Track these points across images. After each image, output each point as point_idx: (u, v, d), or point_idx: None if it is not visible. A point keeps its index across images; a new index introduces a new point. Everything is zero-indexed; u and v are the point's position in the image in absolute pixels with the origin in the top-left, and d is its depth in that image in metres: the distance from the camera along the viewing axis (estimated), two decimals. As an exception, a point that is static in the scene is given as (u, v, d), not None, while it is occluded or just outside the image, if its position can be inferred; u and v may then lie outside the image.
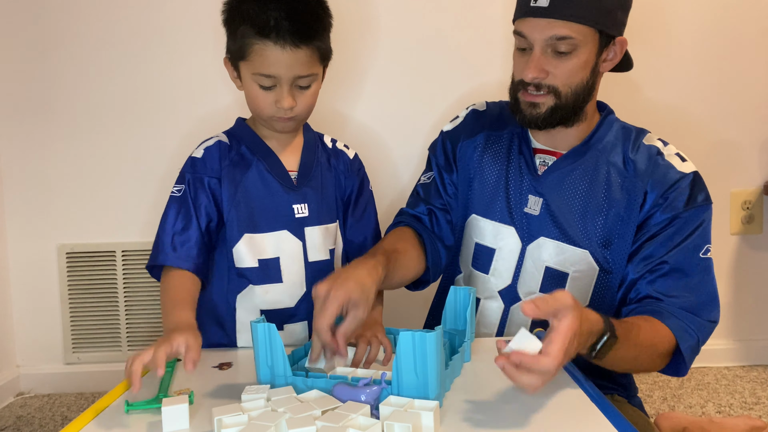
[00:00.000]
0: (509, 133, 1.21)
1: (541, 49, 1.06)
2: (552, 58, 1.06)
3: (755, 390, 1.87)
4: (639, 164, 1.11)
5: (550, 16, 1.03)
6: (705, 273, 1.08)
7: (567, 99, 1.08)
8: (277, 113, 1.10)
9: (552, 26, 1.04)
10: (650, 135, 1.16)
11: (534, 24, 1.05)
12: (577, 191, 1.12)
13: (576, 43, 1.04)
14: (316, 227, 1.18)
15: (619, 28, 1.10)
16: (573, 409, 0.80)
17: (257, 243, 1.15)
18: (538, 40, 1.05)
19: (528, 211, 1.14)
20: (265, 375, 0.88)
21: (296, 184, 1.18)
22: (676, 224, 1.08)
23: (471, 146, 1.23)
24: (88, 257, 1.97)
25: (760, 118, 2.00)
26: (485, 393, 0.86)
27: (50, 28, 1.91)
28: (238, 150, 1.17)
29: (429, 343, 0.78)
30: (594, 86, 1.12)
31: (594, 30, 1.05)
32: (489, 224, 1.18)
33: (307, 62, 1.07)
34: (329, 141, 1.28)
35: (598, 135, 1.14)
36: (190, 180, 1.14)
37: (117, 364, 1.98)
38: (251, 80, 1.09)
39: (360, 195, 1.27)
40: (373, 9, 1.90)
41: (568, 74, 1.07)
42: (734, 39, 1.96)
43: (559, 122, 1.11)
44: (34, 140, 1.94)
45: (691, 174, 1.11)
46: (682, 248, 1.08)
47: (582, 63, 1.07)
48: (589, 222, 1.11)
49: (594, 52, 1.08)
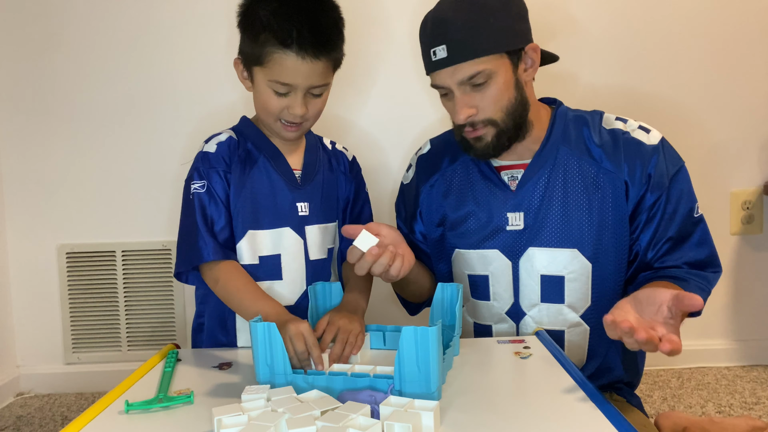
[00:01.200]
0: (462, 164, 1.22)
1: (460, 91, 1.09)
2: (474, 93, 1.09)
3: (755, 390, 1.87)
4: (608, 150, 1.12)
5: (453, 63, 1.06)
6: (701, 231, 1.13)
7: (505, 122, 1.10)
8: (286, 118, 1.12)
9: (458, 71, 1.07)
10: (607, 116, 1.17)
11: (443, 74, 1.08)
12: (555, 193, 1.13)
13: (488, 73, 1.07)
14: (315, 226, 1.20)
15: (523, 37, 1.11)
16: (573, 409, 0.80)
17: (259, 240, 1.15)
18: (453, 85, 1.08)
19: (511, 228, 1.15)
20: (265, 374, 0.88)
21: (300, 183, 1.20)
22: (665, 200, 1.11)
23: (430, 190, 1.24)
24: (88, 257, 1.97)
25: (760, 118, 2.00)
26: (481, 389, 0.86)
27: (50, 28, 1.91)
28: (245, 147, 1.18)
29: (431, 337, 0.80)
30: (526, 98, 1.13)
31: (499, 54, 1.07)
32: (473, 254, 1.18)
33: (324, 73, 1.10)
34: (328, 143, 1.31)
35: (555, 132, 1.15)
36: (207, 174, 1.14)
37: (117, 364, 1.98)
38: (266, 85, 1.10)
39: (358, 196, 1.30)
40: (375, 12, 1.90)
41: (494, 101, 1.09)
42: (734, 39, 1.96)
43: (509, 143, 1.13)
44: (34, 140, 1.95)
45: (659, 143, 1.12)
46: (678, 218, 1.11)
47: (502, 86, 1.08)
48: (573, 220, 1.12)
49: (510, 71, 1.09)
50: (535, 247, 1.13)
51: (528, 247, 1.14)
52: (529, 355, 1.01)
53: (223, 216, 1.13)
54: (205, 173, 1.14)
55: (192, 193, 1.13)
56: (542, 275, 1.14)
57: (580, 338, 1.15)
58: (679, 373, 2.01)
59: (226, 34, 1.87)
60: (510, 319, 1.18)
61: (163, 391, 0.88)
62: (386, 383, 0.83)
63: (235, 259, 1.12)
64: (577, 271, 1.12)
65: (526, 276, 1.15)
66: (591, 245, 1.11)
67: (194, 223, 1.11)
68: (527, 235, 1.14)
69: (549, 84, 1.66)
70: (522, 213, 1.14)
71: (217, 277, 1.09)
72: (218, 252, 1.09)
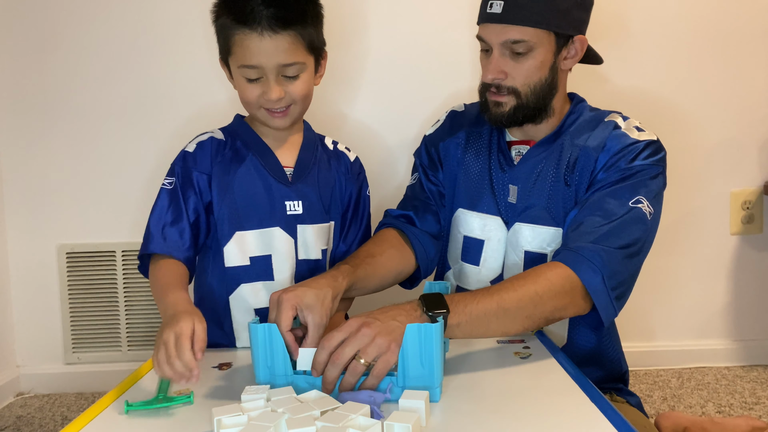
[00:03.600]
0: (489, 129, 1.25)
1: (498, 52, 1.11)
2: (510, 59, 1.11)
3: (755, 390, 1.87)
4: (596, 137, 1.14)
5: (504, 22, 1.09)
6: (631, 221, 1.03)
7: (528, 98, 1.13)
8: (266, 105, 1.09)
9: (506, 31, 1.09)
10: (614, 114, 1.18)
11: (491, 29, 1.12)
12: (545, 174, 1.16)
13: (531, 45, 1.09)
14: (309, 226, 1.18)
15: (577, 26, 1.14)
16: (573, 409, 0.80)
17: (248, 240, 1.14)
18: (495, 43, 1.11)
19: (510, 200, 1.18)
20: (264, 376, 0.88)
21: (291, 180, 1.17)
22: (612, 173, 1.09)
23: (453, 144, 1.27)
24: (88, 257, 1.97)
25: (760, 118, 2.00)
26: (481, 389, 0.87)
27: (50, 28, 1.90)
28: (233, 146, 1.17)
29: (434, 332, 0.81)
30: (555, 84, 1.16)
31: (548, 32, 1.10)
32: (476, 216, 1.22)
33: (290, 49, 1.06)
34: (330, 143, 1.28)
35: (568, 123, 1.18)
36: (180, 174, 1.14)
37: (117, 364, 1.98)
38: (238, 74, 1.09)
39: (358, 199, 1.27)
40: (372, 7, 1.90)
41: (525, 75, 1.12)
42: (734, 39, 1.96)
43: (523, 120, 1.16)
44: (34, 140, 1.94)
45: (646, 141, 1.12)
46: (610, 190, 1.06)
47: (539, 63, 1.11)
48: (558, 198, 1.14)
49: (551, 52, 1.12)
50: (522, 222, 1.16)
51: (515, 222, 1.17)
52: (529, 355, 1.01)
53: (183, 215, 1.11)
54: (178, 172, 1.14)
55: (161, 188, 1.14)
56: (526, 251, 1.16)
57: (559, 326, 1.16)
58: (679, 373, 2.01)
59: (226, 34, 1.88)
60: None
61: (163, 391, 0.88)
62: (385, 382, 0.83)
63: (180, 258, 1.08)
64: None
65: (511, 250, 1.18)
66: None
67: (153, 215, 1.12)
68: (517, 210, 1.17)
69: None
70: (517, 187, 1.17)
71: (152, 272, 1.08)
72: (161, 247, 1.08)
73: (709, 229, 2.02)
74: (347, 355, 0.83)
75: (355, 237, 1.27)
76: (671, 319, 2.05)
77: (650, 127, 1.18)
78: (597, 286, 0.99)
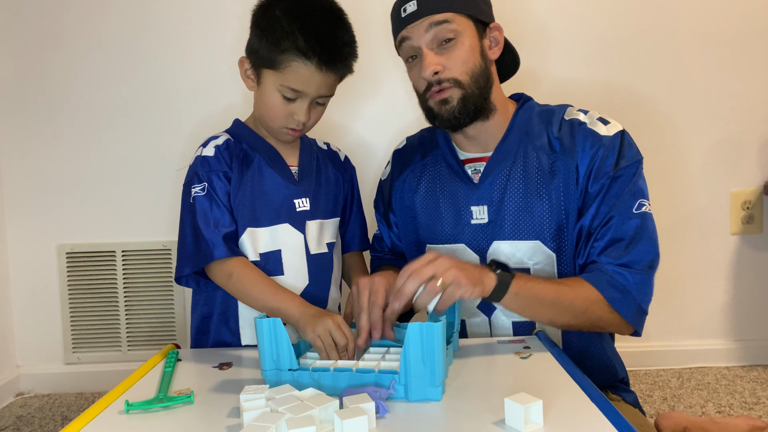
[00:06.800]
0: (432, 158, 1.25)
1: (427, 47, 1.11)
2: (441, 52, 1.11)
3: (755, 390, 1.87)
4: (565, 141, 1.13)
5: (423, 15, 1.10)
6: (640, 229, 1.08)
7: (470, 87, 1.12)
8: (288, 123, 1.14)
9: (426, 21, 1.10)
10: (570, 109, 1.18)
11: (412, 28, 1.11)
12: (515, 186, 1.15)
13: (455, 28, 1.10)
14: (316, 221, 1.22)
15: (488, 15, 1.16)
16: (573, 409, 0.80)
17: (259, 236, 1.17)
18: (423, 40, 1.11)
19: (475, 222, 1.17)
20: (271, 370, 0.88)
21: (298, 179, 1.22)
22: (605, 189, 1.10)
23: (402, 186, 1.28)
24: (88, 257, 1.97)
25: (760, 118, 2.00)
26: (481, 389, 0.86)
27: (50, 28, 1.91)
28: (241, 147, 1.20)
29: (436, 332, 0.82)
30: (490, 73, 1.16)
31: (466, 17, 1.11)
32: (443, 249, 1.20)
33: (333, 84, 1.15)
34: (322, 144, 1.34)
35: (518, 123, 1.17)
36: (208, 177, 1.15)
37: (117, 364, 1.98)
38: (275, 89, 1.12)
39: (353, 194, 1.35)
40: (370, 14, 1.90)
41: (461, 62, 1.11)
42: (734, 39, 1.96)
43: (474, 114, 1.13)
44: (34, 140, 1.95)
45: (615, 134, 1.12)
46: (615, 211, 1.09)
47: (468, 48, 1.11)
48: (535, 211, 1.13)
49: (475, 38, 1.13)
50: (500, 240, 1.15)
51: (493, 241, 1.16)
52: (529, 355, 1.01)
53: (226, 215, 1.14)
54: (205, 176, 1.14)
55: (193, 197, 1.13)
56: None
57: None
58: (679, 373, 2.01)
59: (227, 35, 1.88)
60: (482, 312, 1.18)
61: (163, 391, 0.88)
62: (388, 379, 0.83)
63: (244, 256, 1.14)
64: (543, 261, 1.14)
65: None
66: (552, 236, 1.13)
67: (196, 226, 1.12)
68: (491, 229, 1.16)
69: (549, 84, 1.67)
70: (485, 206, 1.16)
71: (230, 273, 1.10)
72: (227, 249, 1.11)
73: (709, 229, 2.02)
74: (426, 273, 0.91)
75: (355, 230, 1.35)
76: (671, 319, 2.05)
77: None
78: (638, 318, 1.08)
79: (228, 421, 0.79)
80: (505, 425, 0.74)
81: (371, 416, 0.74)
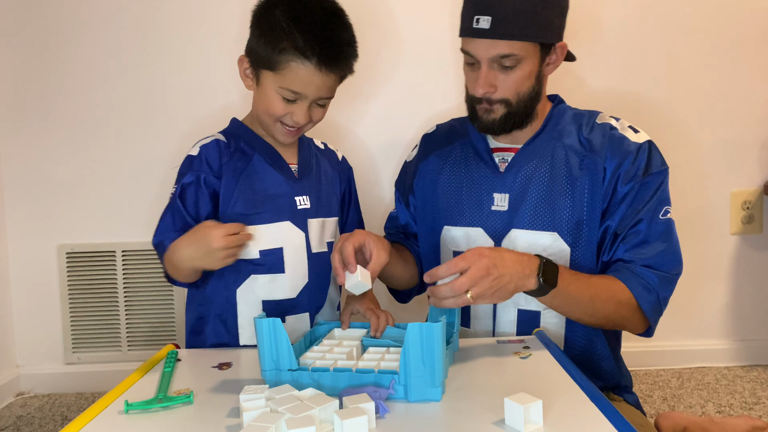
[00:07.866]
0: (460, 144, 1.27)
1: (487, 66, 1.11)
2: (499, 72, 1.12)
3: (755, 390, 1.87)
4: (595, 142, 1.16)
5: (493, 37, 1.09)
6: (666, 234, 1.14)
7: (518, 107, 1.15)
8: (287, 122, 1.14)
9: (495, 46, 1.09)
10: (602, 114, 1.21)
11: (479, 44, 1.11)
12: (540, 179, 1.17)
13: (519, 57, 1.10)
14: (317, 219, 1.22)
15: (558, 34, 1.15)
16: (573, 409, 0.80)
17: (259, 234, 1.16)
18: (484, 58, 1.11)
19: (495, 208, 1.19)
20: (270, 369, 0.88)
21: (298, 176, 1.22)
22: (634, 193, 1.13)
23: (426, 168, 1.30)
24: (88, 257, 1.97)
25: (760, 118, 2.00)
26: (481, 389, 0.87)
27: (50, 28, 1.91)
28: (237, 146, 1.20)
29: (436, 332, 0.82)
30: (540, 90, 1.18)
31: (535, 43, 1.11)
32: (459, 230, 1.22)
33: (333, 86, 1.14)
34: (319, 143, 1.34)
35: (551, 123, 1.20)
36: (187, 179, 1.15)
37: (117, 364, 1.98)
38: (274, 90, 1.11)
39: (351, 192, 1.36)
40: (373, 17, 1.90)
41: (515, 86, 1.13)
42: (734, 39, 1.96)
43: (513, 127, 1.17)
44: (34, 140, 1.94)
45: (644, 143, 1.16)
46: (643, 214, 1.13)
47: (526, 74, 1.13)
48: (556, 205, 1.15)
49: (537, 62, 1.14)
50: (517, 229, 1.17)
51: (511, 229, 1.17)
52: (529, 355, 1.01)
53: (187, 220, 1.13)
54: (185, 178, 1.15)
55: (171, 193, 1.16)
56: None
57: (557, 319, 1.16)
58: (679, 373, 2.01)
59: (226, 35, 1.87)
60: None
61: (162, 391, 0.88)
62: (388, 379, 0.83)
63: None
64: (556, 254, 1.15)
65: None
66: (570, 230, 1.15)
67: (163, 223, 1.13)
68: (510, 217, 1.17)
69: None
70: (507, 194, 1.18)
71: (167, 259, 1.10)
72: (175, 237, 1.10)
73: (709, 229, 2.02)
74: (462, 288, 0.92)
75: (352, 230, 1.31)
76: (671, 319, 2.03)
77: (650, 127, 1.19)
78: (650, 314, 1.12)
79: (228, 421, 0.79)
80: (505, 425, 0.74)
81: (371, 416, 0.74)
